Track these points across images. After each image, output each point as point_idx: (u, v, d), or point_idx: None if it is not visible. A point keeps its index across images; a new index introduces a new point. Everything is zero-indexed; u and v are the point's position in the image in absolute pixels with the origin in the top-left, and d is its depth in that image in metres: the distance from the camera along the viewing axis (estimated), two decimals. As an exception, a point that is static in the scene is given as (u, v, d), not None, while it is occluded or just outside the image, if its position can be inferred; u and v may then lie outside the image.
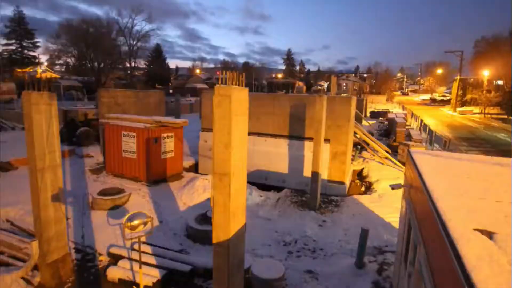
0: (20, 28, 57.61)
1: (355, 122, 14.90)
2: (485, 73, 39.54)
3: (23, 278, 5.81)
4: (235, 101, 3.97)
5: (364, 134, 15.77)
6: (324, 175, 11.15)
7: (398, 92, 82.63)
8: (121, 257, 6.68)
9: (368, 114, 37.34)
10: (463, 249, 2.14)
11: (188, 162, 14.13)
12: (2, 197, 9.14)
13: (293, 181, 11.83)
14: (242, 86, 4.18)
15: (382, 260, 6.98)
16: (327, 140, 10.92)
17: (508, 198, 3.18)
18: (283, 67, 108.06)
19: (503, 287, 1.78)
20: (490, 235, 2.39)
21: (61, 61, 53.60)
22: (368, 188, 12.32)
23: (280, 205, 10.18)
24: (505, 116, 32.79)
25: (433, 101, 61.85)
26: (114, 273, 6.15)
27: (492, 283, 1.79)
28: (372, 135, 24.31)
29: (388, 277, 6.27)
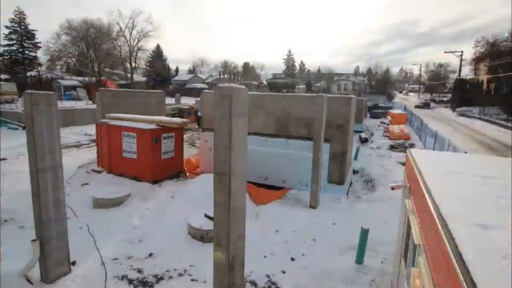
0: (21, 29, 57.68)
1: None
2: (485, 73, 39.53)
3: (24, 277, 5.82)
4: (235, 101, 3.98)
5: None
6: (324, 175, 11.16)
7: (398, 92, 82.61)
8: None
9: (368, 115, 37.40)
10: (463, 247, 2.15)
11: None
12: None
13: (293, 181, 11.83)
14: (242, 86, 4.19)
15: (382, 259, 7.00)
16: (327, 140, 10.92)
17: (508, 197, 3.19)
18: (283, 67, 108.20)
19: (503, 285, 1.79)
20: (489, 233, 2.40)
21: (61, 62, 53.75)
22: (368, 188, 12.33)
23: (280, 205, 10.19)
24: (505, 116, 32.75)
25: (433, 101, 61.86)
26: (114, 271, 6.16)
27: (492, 282, 1.80)
28: (372, 135, 24.35)
29: (389, 275, 6.28)
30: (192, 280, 6.20)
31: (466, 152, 12.26)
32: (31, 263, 5.81)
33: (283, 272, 6.54)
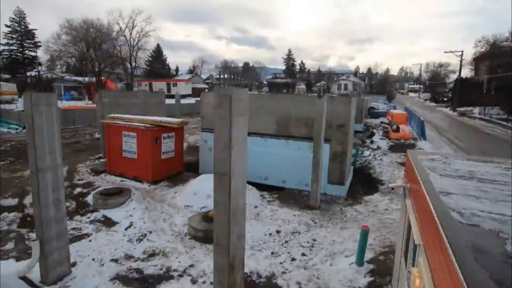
0: (21, 28, 57.70)
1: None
2: (485, 73, 39.49)
3: (24, 277, 5.82)
4: (235, 101, 3.98)
5: None
6: (324, 175, 11.15)
7: (398, 92, 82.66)
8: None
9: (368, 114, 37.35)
10: (463, 247, 2.15)
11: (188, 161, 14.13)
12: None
13: (293, 181, 11.83)
14: (242, 86, 4.19)
15: (383, 259, 6.99)
16: (327, 140, 10.92)
17: (508, 199, 3.19)
18: (283, 67, 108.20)
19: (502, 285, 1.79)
20: (489, 233, 2.40)
21: (61, 61, 53.71)
22: (369, 188, 12.32)
23: (280, 205, 10.19)
24: (505, 116, 32.75)
25: (433, 101, 61.89)
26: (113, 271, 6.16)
27: (491, 282, 1.80)
28: (373, 135, 24.35)
29: (389, 275, 6.29)
30: (191, 280, 6.20)
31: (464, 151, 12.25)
32: (31, 263, 5.81)
33: (284, 272, 6.54)
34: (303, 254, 7.24)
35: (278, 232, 8.27)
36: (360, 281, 6.25)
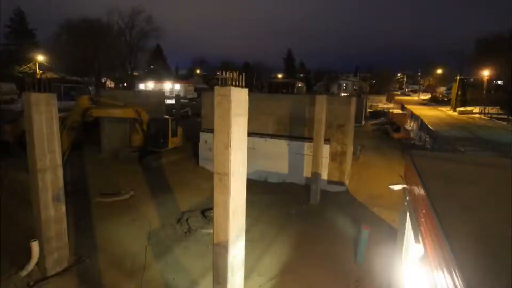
0: (21, 28, 57.61)
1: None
2: (485, 73, 39.48)
3: (24, 277, 5.81)
4: (235, 101, 3.98)
5: None
6: (324, 175, 11.15)
7: (398, 92, 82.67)
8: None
9: (368, 114, 37.28)
10: (462, 247, 2.15)
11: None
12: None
13: (293, 181, 11.82)
14: (241, 86, 4.19)
15: (382, 258, 6.98)
16: (327, 140, 10.91)
17: (508, 200, 3.19)
18: (283, 67, 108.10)
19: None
20: (487, 237, 2.40)
21: (61, 62, 53.67)
22: (368, 187, 12.31)
23: (280, 205, 10.18)
24: (505, 116, 32.76)
25: (433, 101, 61.87)
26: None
27: (489, 281, 1.81)
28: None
29: (388, 274, 6.28)
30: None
31: (463, 151, 12.26)
32: (31, 263, 5.80)
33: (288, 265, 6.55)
34: (302, 250, 7.24)
35: (278, 232, 8.26)
36: (359, 276, 6.23)
